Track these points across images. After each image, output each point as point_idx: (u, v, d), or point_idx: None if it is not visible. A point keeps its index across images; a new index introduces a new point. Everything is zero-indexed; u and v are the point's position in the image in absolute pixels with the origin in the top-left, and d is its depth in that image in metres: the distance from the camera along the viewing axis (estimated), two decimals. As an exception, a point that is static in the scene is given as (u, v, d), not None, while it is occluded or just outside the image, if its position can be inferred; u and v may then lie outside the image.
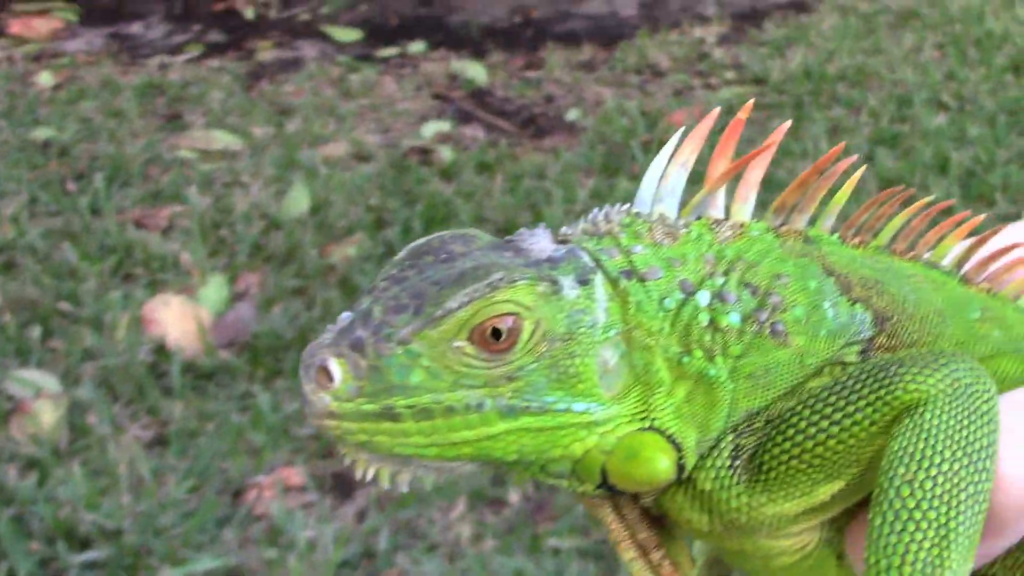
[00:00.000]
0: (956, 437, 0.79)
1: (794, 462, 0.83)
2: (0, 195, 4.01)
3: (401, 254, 0.88)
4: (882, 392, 0.81)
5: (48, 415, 3.11)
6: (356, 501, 2.93)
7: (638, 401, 0.84)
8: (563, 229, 0.88)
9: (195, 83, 4.84)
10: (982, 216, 0.92)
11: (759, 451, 0.84)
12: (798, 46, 4.90)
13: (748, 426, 0.85)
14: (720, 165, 0.87)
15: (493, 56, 5.12)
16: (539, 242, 0.86)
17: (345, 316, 0.84)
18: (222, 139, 4.36)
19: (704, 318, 0.85)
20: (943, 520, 0.78)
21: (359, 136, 4.46)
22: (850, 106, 4.39)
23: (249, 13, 5.54)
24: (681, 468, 0.84)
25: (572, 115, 4.64)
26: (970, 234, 0.93)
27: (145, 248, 3.69)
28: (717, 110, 0.89)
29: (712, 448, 0.85)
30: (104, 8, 5.55)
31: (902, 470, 0.79)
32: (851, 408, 0.81)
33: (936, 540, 0.78)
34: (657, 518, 0.89)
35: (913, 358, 0.81)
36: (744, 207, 0.88)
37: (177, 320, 3.37)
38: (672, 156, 0.87)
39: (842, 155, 0.88)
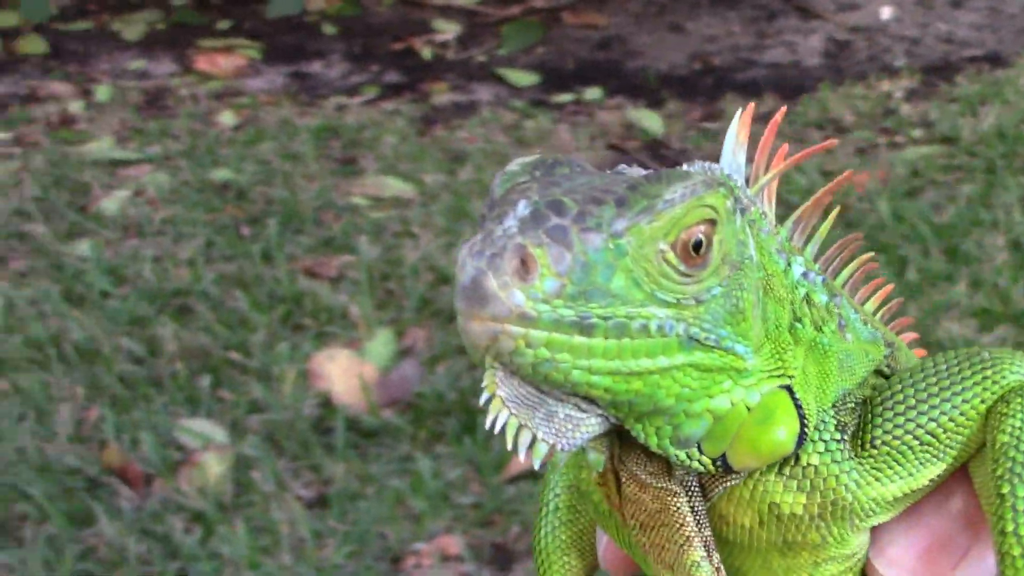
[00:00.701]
0: None
1: (908, 438, 0.82)
2: (178, 237, 4.08)
3: (516, 165, 0.76)
4: (988, 375, 0.82)
5: (215, 468, 3.13)
6: (515, 574, 2.87)
7: (773, 357, 0.78)
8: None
9: (370, 126, 4.86)
10: (892, 285, 0.98)
11: (861, 430, 0.83)
12: (993, 104, 4.66)
13: (844, 404, 0.84)
14: (763, 161, 0.87)
15: (670, 105, 5.01)
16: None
17: (522, 205, 0.70)
18: (394, 186, 4.37)
19: (801, 290, 0.83)
20: None
21: (531, 187, 4.41)
22: (1047, 173, 4.15)
23: (427, 53, 5.56)
24: (799, 441, 0.80)
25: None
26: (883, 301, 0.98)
27: (314, 299, 3.70)
28: (752, 104, 0.88)
29: (819, 423, 0.82)
30: (287, 46, 5.64)
31: None
32: (959, 388, 0.82)
33: None
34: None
35: (988, 351, 0.83)
36: (770, 211, 0.87)
37: (343, 375, 3.37)
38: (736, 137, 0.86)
39: None
